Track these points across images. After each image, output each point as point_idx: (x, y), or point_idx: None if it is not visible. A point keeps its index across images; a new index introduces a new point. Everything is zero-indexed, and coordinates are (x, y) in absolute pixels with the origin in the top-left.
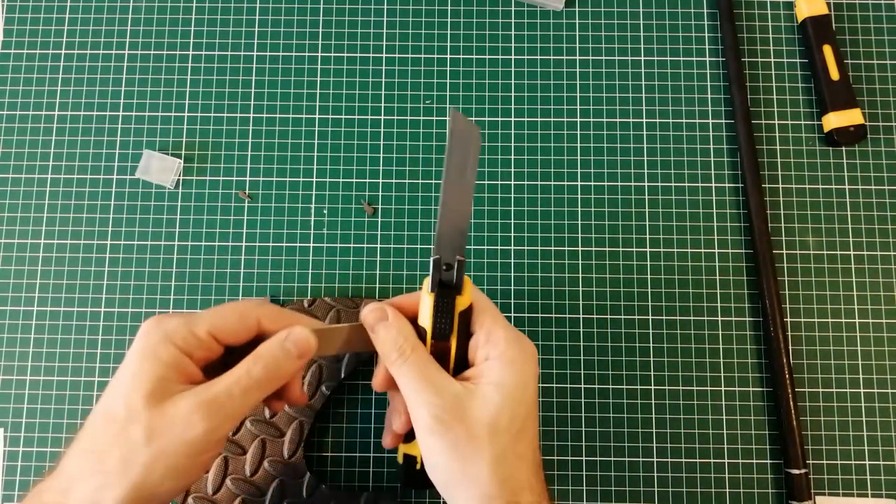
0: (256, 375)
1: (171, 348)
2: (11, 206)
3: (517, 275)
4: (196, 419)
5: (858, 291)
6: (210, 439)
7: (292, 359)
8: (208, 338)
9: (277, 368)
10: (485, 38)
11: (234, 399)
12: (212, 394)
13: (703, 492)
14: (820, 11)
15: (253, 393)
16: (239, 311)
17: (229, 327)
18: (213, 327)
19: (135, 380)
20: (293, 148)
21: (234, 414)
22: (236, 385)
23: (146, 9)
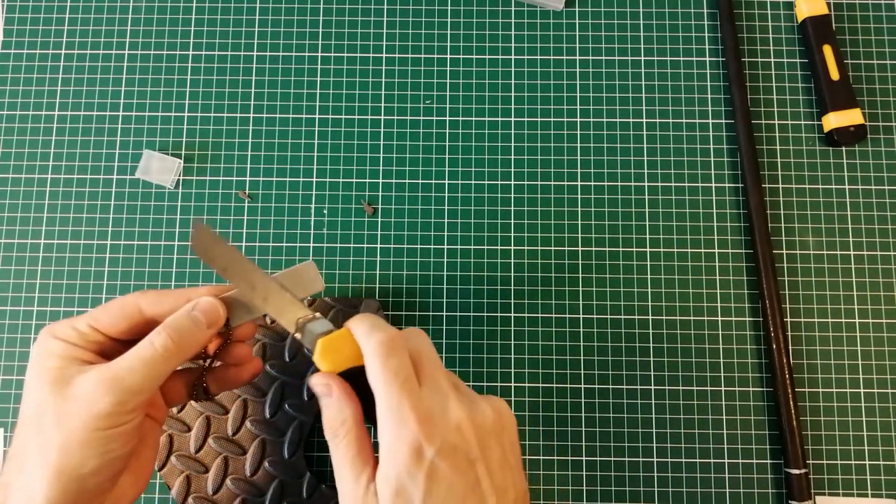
0: (160, 345)
1: (59, 342)
2: (11, 206)
3: (517, 275)
4: (99, 395)
5: (858, 291)
6: (120, 411)
7: (200, 327)
8: (90, 330)
9: (182, 336)
10: (485, 38)
11: (135, 372)
12: (113, 369)
13: (703, 492)
14: (820, 11)
15: (158, 364)
16: (118, 301)
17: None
18: (93, 320)
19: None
20: (293, 148)
21: (139, 387)
22: (137, 358)
23: (146, 9)
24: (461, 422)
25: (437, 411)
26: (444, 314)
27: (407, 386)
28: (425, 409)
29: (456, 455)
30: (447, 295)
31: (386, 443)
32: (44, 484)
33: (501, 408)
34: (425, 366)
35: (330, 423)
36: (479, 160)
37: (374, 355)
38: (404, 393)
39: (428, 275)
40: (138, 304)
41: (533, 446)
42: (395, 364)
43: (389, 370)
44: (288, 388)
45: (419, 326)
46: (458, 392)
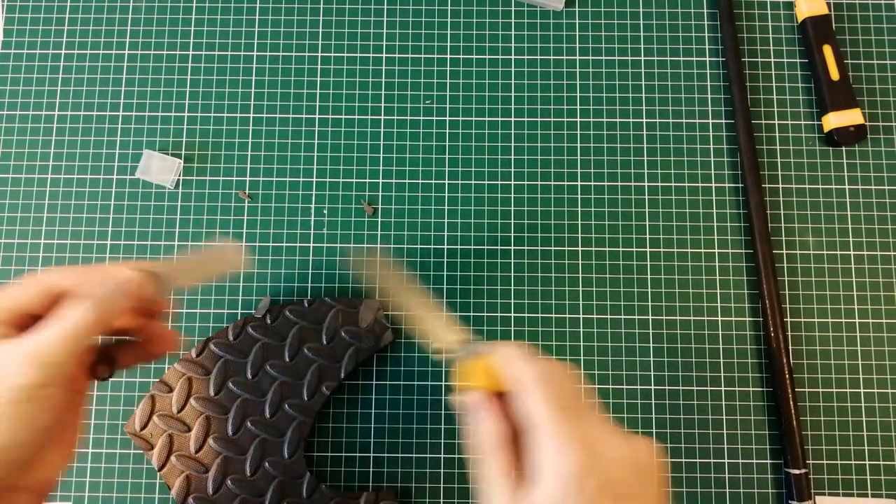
0: (79, 315)
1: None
2: (11, 206)
3: (517, 275)
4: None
5: (858, 291)
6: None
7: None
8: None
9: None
10: (485, 38)
11: (52, 345)
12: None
13: (703, 492)
14: (820, 11)
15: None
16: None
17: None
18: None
19: None
20: (293, 148)
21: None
22: (54, 330)
23: (146, 9)
24: (624, 456)
25: (599, 444)
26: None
27: (569, 413)
28: (588, 440)
29: (616, 489)
30: (447, 295)
31: (548, 466)
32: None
33: (654, 447)
34: (577, 398)
35: (487, 438)
36: (479, 160)
37: (537, 381)
38: (568, 419)
39: (428, 275)
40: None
41: None
42: (556, 392)
43: (552, 397)
44: (288, 388)
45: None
46: (612, 427)
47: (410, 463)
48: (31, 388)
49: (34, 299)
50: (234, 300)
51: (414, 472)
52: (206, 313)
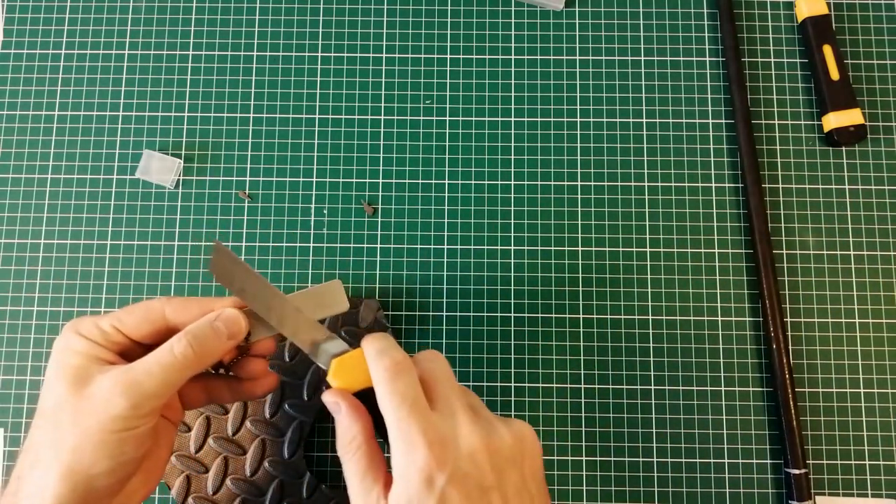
0: (179, 352)
1: (83, 339)
2: (11, 206)
3: (517, 275)
4: (116, 397)
5: (858, 291)
6: (135, 415)
7: (221, 336)
8: (113, 330)
9: (203, 345)
10: (485, 38)
11: (153, 376)
12: (131, 372)
13: (703, 492)
14: (820, 11)
15: (176, 370)
16: (143, 305)
17: (132, 320)
18: (117, 320)
19: (56, 374)
20: (293, 148)
21: (156, 391)
22: (156, 363)
23: (146, 9)
24: (475, 448)
25: (449, 436)
26: (444, 314)
27: (415, 409)
28: (436, 433)
29: (468, 483)
30: (447, 295)
31: (397, 467)
32: (55, 481)
33: (524, 433)
34: (438, 388)
35: (341, 439)
36: (479, 160)
37: (381, 379)
38: (413, 416)
39: (428, 275)
40: (163, 309)
41: None
42: (402, 387)
43: (396, 393)
44: (288, 388)
45: (419, 327)
46: (475, 416)
47: None
48: (122, 418)
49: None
50: None
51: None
52: None
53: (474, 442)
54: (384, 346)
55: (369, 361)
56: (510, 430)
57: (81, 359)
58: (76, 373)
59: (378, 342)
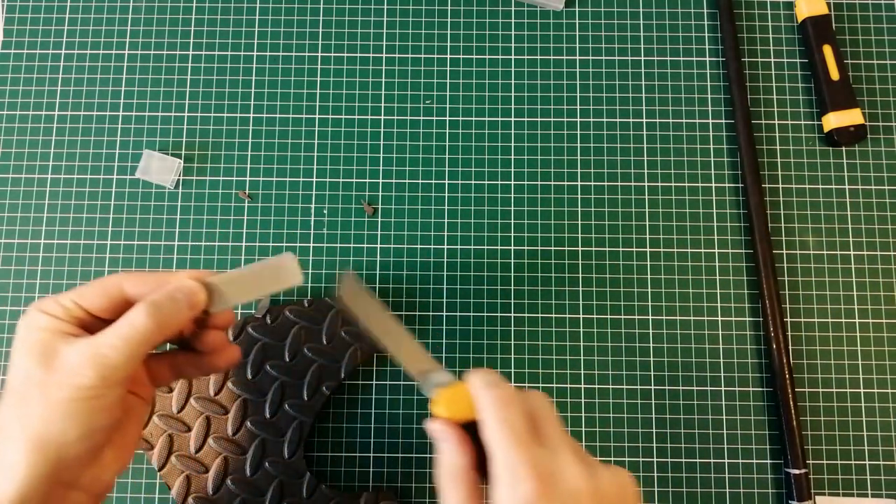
0: (139, 323)
1: (46, 316)
2: (11, 206)
3: (517, 275)
4: (84, 368)
5: (858, 291)
6: (103, 384)
7: (180, 306)
8: (74, 305)
9: (162, 315)
10: (485, 38)
11: (115, 349)
12: (94, 344)
13: (703, 492)
14: (820, 11)
15: (137, 341)
16: (101, 280)
17: (91, 295)
18: (77, 296)
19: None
20: (293, 148)
21: (120, 362)
22: (117, 335)
23: (146, 9)
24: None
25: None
26: (444, 314)
27: (523, 442)
28: (544, 469)
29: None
30: (447, 295)
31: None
32: (25, 453)
33: (625, 481)
34: (545, 426)
35: (445, 468)
36: (479, 160)
37: (490, 408)
38: (520, 449)
39: (428, 275)
40: (121, 283)
41: None
42: (511, 418)
43: (506, 425)
44: (288, 388)
45: (419, 327)
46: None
47: (410, 463)
48: (91, 388)
49: (101, 302)
50: None
51: (414, 472)
52: None
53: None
54: (493, 379)
55: (477, 392)
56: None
57: (46, 334)
58: (42, 348)
59: (486, 375)
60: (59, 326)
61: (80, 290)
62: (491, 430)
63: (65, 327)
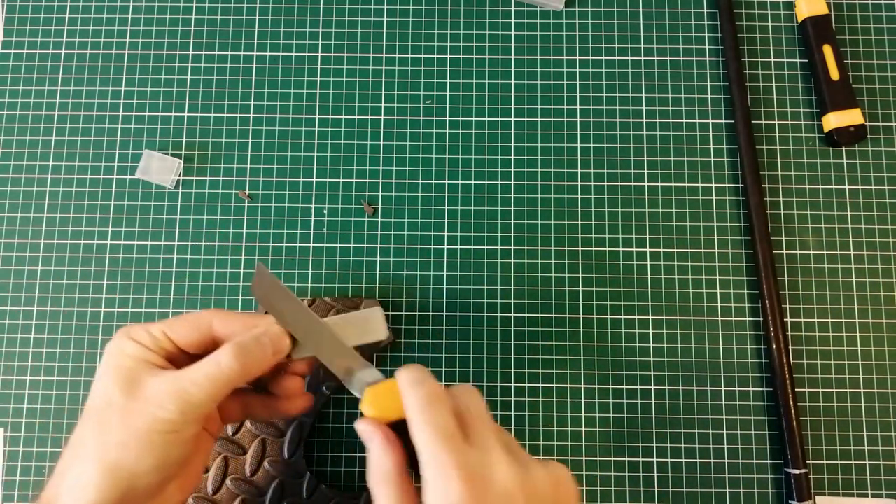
0: (226, 364)
1: (135, 343)
2: (11, 206)
3: (517, 275)
4: (167, 402)
5: (858, 291)
6: (182, 420)
7: (266, 351)
8: (163, 336)
9: (248, 358)
10: (485, 38)
11: (199, 386)
12: (180, 379)
13: (703, 492)
14: (820, 11)
15: (221, 381)
16: (192, 315)
17: (181, 328)
18: (167, 327)
19: (107, 374)
20: (293, 148)
21: (202, 400)
22: (203, 373)
23: (146, 9)
24: (510, 487)
25: (485, 473)
26: (444, 314)
27: (451, 443)
28: (472, 469)
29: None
30: (447, 295)
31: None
32: (98, 475)
33: (560, 476)
34: (474, 423)
35: (373, 470)
36: (479, 160)
37: (415, 408)
38: (448, 449)
39: (428, 275)
40: (211, 320)
41: (533, 446)
42: (437, 418)
43: (431, 424)
44: None
45: (419, 327)
46: (511, 454)
47: None
48: (171, 421)
49: (191, 336)
50: (234, 300)
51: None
52: None
53: (510, 481)
54: (419, 376)
55: (403, 391)
56: (547, 472)
57: (133, 361)
58: (127, 374)
59: (412, 373)
60: (146, 356)
61: (170, 323)
62: (418, 431)
63: (152, 357)
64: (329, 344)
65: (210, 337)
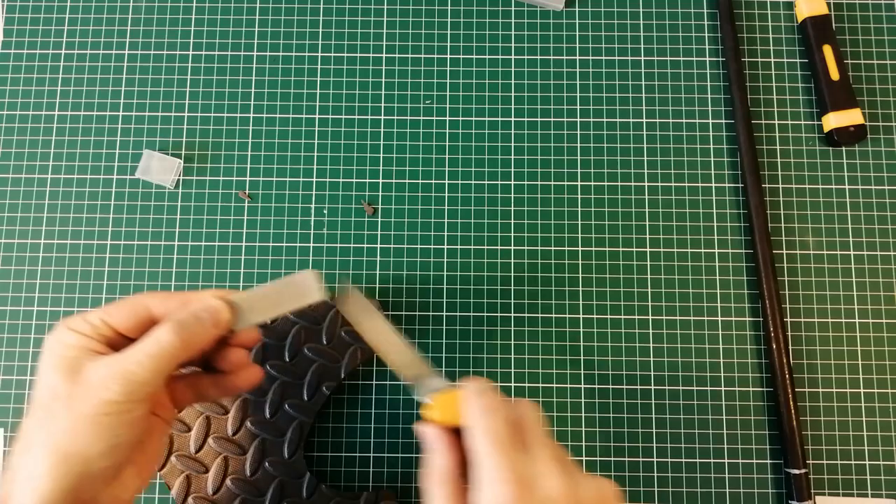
0: (165, 340)
1: (74, 333)
2: (11, 206)
3: (517, 275)
4: (109, 382)
5: (858, 291)
6: (128, 399)
7: (204, 325)
8: (101, 323)
9: (187, 333)
10: (485, 38)
11: (141, 365)
12: (121, 360)
13: (703, 492)
14: (820, 11)
15: (163, 357)
16: (128, 300)
17: (121, 314)
18: (104, 314)
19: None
20: (293, 148)
21: (146, 378)
22: (143, 352)
23: (146, 9)
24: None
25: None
26: (444, 314)
27: (504, 448)
28: (524, 474)
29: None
30: (447, 295)
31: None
32: (48, 466)
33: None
34: (529, 434)
35: (433, 470)
36: (479, 160)
37: (476, 415)
38: (503, 455)
39: (428, 275)
40: (147, 302)
41: None
42: (495, 425)
43: (489, 431)
44: (288, 389)
45: (419, 327)
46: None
47: (410, 463)
48: (116, 402)
49: (129, 320)
50: None
51: (414, 472)
52: None
53: (557, 490)
54: (483, 387)
55: (467, 399)
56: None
57: (73, 350)
58: (69, 363)
59: (478, 384)
60: (87, 343)
61: (107, 309)
62: (476, 436)
63: (92, 345)
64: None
65: (149, 319)
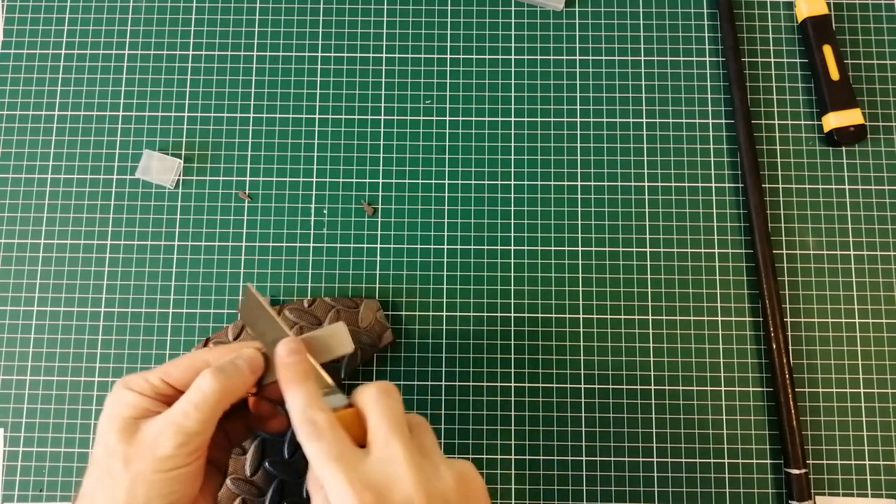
0: (207, 387)
1: (133, 393)
2: (11, 206)
3: (517, 275)
4: (162, 439)
5: (858, 291)
6: (182, 453)
7: (242, 371)
8: (161, 383)
9: (225, 379)
10: (485, 38)
11: (189, 417)
12: (171, 414)
13: (703, 492)
14: (820, 11)
15: (209, 405)
16: (188, 356)
17: (179, 371)
18: (164, 374)
19: (107, 425)
20: (293, 148)
21: (195, 429)
22: (189, 403)
23: (146, 9)
24: (410, 494)
25: (382, 484)
26: (444, 314)
27: (343, 461)
28: (367, 482)
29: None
30: (447, 295)
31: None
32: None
33: (466, 472)
34: (381, 430)
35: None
36: (479, 160)
37: (305, 440)
38: (340, 467)
39: (428, 275)
40: (206, 359)
41: (533, 446)
42: (326, 446)
43: (322, 453)
44: None
45: (419, 327)
46: (419, 459)
47: None
48: (171, 457)
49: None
50: (233, 300)
51: None
52: (206, 313)
53: (410, 488)
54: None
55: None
56: (452, 472)
57: (131, 410)
58: (125, 423)
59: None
60: (145, 404)
61: (166, 368)
62: (312, 460)
63: (149, 403)
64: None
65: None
